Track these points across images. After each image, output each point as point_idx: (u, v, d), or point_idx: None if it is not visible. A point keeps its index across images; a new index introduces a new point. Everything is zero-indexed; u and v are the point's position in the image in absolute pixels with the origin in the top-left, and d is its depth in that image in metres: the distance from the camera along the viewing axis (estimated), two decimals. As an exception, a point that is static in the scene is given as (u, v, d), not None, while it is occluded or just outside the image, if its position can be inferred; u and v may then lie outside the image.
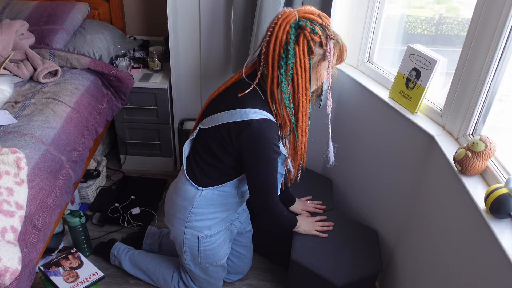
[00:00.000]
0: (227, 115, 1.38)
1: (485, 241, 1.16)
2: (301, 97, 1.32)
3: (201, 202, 1.57)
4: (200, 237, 1.64)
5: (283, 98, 1.32)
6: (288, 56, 1.26)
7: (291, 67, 1.27)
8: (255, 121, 1.33)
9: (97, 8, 2.67)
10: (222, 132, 1.40)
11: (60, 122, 1.83)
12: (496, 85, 1.33)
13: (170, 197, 1.67)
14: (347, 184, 2.13)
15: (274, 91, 1.33)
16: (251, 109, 1.34)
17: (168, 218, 1.70)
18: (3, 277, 1.20)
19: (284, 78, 1.29)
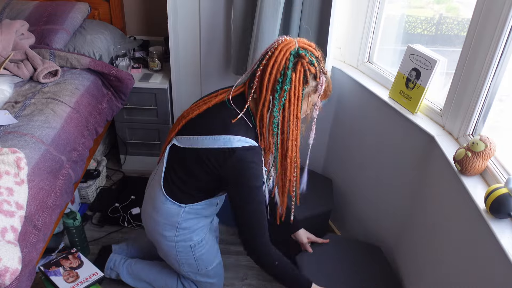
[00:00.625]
0: (210, 140, 1.34)
1: (485, 241, 1.16)
2: (291, 125, 1.31)
3: (185, 217, 1.52)
4: (192, 245, 1.60)
5: (271, 123, 1.31)
6: (285, 82, 1.26)
7: (286, 93, 1.26)
8: (240, 149, 1.31)
9: (97, 8, 2.67)
10: (203, 157, 1.36)
11: (60, 122, 1.83)
12: (496, 85, 1.33)
13: (149, 214, 1.57)
14: (347, 184, 2.13)
15: (264, 114, 1.31)
16: (235, 136, 1.31)
17: (153, 235, 1.61)
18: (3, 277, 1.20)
19: (277, 103, 1.28)
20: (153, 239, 1.64)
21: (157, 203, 1.52)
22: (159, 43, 2.76)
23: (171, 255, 1.62)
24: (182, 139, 1.43)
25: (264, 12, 1.93)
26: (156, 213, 1.54)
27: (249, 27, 2.13)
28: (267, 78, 1.27)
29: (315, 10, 1.91)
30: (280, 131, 1.31)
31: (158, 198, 1.51)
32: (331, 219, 2.32)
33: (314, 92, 1.32)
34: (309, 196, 2.04)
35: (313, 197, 2.04)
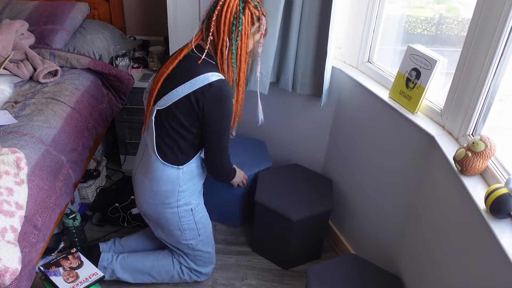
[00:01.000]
0: (188, 86, 1.50)
1: (485, 241, 1.16)
2: (242, 59, 1.55)
3: (185, 178, 1.67)
4: (193, 208, 1.76)
5: (231, 59, 1.53)
6: (238, 23, 1.47)
7: (239, 33, 1.49)
8: (215, 81, 1.50)
9: (97, 8, 2.67)
10: (187, 103, 1.52)
11: (60, 122, 1.83)
12: (496, 85, 1.33)
13: (148, 190, 1.69)
14: (347, 184, 2.13)
15: (223, 52, 1.52)
16: (208, 73, 1.50)
17: (154, 210, 1.73)
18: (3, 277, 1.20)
19: (234, 42, 1.50)
20: (154, 215, 1.75)
21: (156, 173, 1.64)
22: (159, 43, 2.76)
23: (174, 223, 1.75)
24: (162, 101, 1.56)
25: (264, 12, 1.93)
26: (156, 184, 1.66)
27: (249, 27, 2.13)
28: (223, 21, 1.47)
29: (315, 10, 1.91)
30: (237, 65, 1.55)
31: (157, 168, 1.64)
32: (331, 219, 2.32)
33: (257, 31, 1.57)
34: (309, 196, 2.05)
35: (313, 197, 2.04)
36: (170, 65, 1.57)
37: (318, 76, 2.05)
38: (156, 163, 1.63)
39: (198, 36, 1.56)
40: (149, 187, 1.69)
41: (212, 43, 1.53)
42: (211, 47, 1.54)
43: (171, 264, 1.93)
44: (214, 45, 1.53)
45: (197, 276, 1.97)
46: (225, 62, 1.54)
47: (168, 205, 1.70)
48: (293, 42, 1.99)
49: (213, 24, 1.49)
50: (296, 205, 1.99)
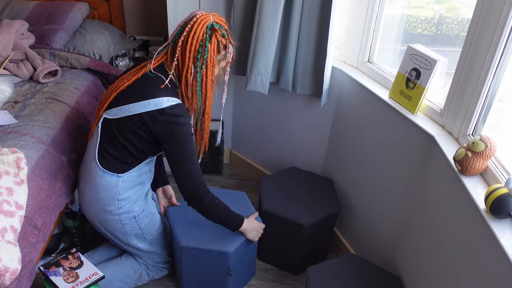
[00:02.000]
0: (141, 106, 1.50)
1: (485, 241, 1.16)
2: (208, 87, 1.55)
3: (125, 187, 1.65)
4: (136, 216, 1.73)
5: (195, 86, 1.53)
6: (204, 51, 1.48)
7: (205, 61, 1.49)
8: (170, 107, 1.50)
9: (97, 8, 2.67)
10: (136, 122, 1.51)
11: (60, 122, 1.83)
12: (496, 85, 1.33)
13: (90, 197, 1.67)
14: (346, 184, 2.13)
15: (188, 79, 1.52)
16: (164, 97, 1.50)
17: (98, 217, 1.70)
18: (3, 277, 1.20)
19: (199, 70, 1.50)
20: (99, 222, 1.73)
21: (96, 180, 1.63)
22: (159, 43, 2.76)
23: (118, 230, 1.73)
24: (112, 111, 1.56)
25: (264, 12, 1.93)
26: (96, 192, 1.64)
27: (249, 26, 2.13)
28: (188, 48, 1.47)
29: (315, 10, 1.91)
30: (202, 92, 1.55)
31: (96, 175, 1.62)
32: (331, 219, 2.32)
33: (223, 59, 1.57)
34: (314, 199, 2.03)
35: (318, 200, 2.02)
36: (126, 81, 1.56)
37: (318, 76, 2.05)
38: (96, 170, 1.62)
39: (161, 56, 1.55)
40: (90, 194, 1.67)
41: (176, 68, 1.52)
42: (175, 72, 1.54)
43: (136, 262, 1.91)
44: (178, 71, 1.53)
45: (162, 271, 1.97)
46: (189, 89, 1.54)
47: (109, 212, 1.68)
48: (293, 42, 1.99)
49: (178, 50, 1.49)
50: (305, 209, 1.96)
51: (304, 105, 2.25)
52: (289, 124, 2.37)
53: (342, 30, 2.03)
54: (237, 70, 2.30)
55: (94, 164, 1.62)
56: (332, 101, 2.11)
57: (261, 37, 1.99)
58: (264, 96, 2.32)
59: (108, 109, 1.58)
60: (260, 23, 1.96)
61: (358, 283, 1.64)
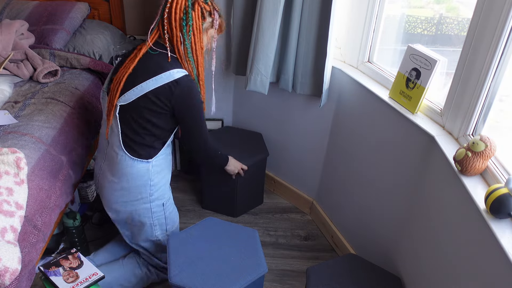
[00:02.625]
0: (154, 81, 1.54)
1: (485, 241, 1.16)
2: (198, 54, 1.60)
3: (155, 171, 1.69)
4: (164, 203, 1.79)
5: (187, 54, 1.57)
6: (188, 18, 1.51)
7: (190, 27, 1.53)
8: (182, 78, 1.55)
9: (97, 8, 2.67)
10: (152, 98, 1.54)
11: (60, 122, 1.83)
12: (496, 85, 1.33)
13: (120, 187, 1.69)
14: (346, 183, 2.13)
15: (179, 48, 1.56)
16: (174, 69, 1.55)
17: (125, 208, 1.73)
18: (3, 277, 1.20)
19: (186, 38, 1.54)
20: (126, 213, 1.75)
21: (125, 170, 1.65)
22: (159, 43, 2.76)
23: (146, 219, 1.76)
24: (126, 96, 1.57)
25: (264, 12, 1.93)
26: (127, 181, 1.67)
27: (250, 26, 2.13)
28: (173, 18, 1.51)
29: (315, 10, 1.91)
30: (194, 59, 1.60)
31: (126, 165, 1.64)
32: (331, 219, 2.32)
33: (211, 27, 1.61)
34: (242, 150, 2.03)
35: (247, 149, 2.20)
36: (131, 64, 1.58)
37: (318, 76, 2.05)
38: (124, 159, 1.64)
39: (154, 33, 1.59)
40: (119, 185, 1.69)
41: (169, 40, 1.56)
42: (170, 44, 1.57)
43: (137, 266, 1.92)
44: (171, 43, 1.57)
45: (165, 274, 1.97)
46: (183, 57, 1.58)
47: (141, 200, 1.71)
48: (293, 42, 1.99)
49: (166, 22, 1.53)
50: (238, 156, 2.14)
51: (304, 105, 2.25)
52: (289, 124, 2.37)
53: (342, 30, 2.03)
54: (237, 70, 2.30)
55: (121, 154, 1.63)
56: (332, 101, 2.11)
57: (261, 37, 1.99)
58: (264, 96, 2.32)
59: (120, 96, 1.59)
60: (260, 23, 1.96)
61: (358, 283, 1.64)
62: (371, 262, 1.77)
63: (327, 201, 2.35)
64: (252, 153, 2.33)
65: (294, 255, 2.23)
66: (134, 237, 1.85)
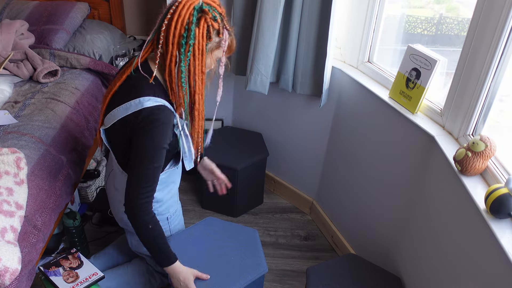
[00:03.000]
0: (123, 109, 1.35)
1: (485, 241, 1.16)
2: (197, 79, 1.34)
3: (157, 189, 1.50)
4: (169, 217, 1.68)
5: (180, 78, 1.32)
6: (189, 36, 1.27)
7: (191, 47, 1.28)
8: (147, 108, 1.31)
9: (97, 8, 2.67)
10: (120, 128, 1.37)
11: (60, 122, 1.83)
12: (496, 85, 1.33)
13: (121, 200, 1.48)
14: (346, 183, 2.13)
15: (172, 69, 1.32)
16: (145, 97, 1.32)
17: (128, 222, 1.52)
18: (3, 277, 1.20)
19: (183, 58, 1.29)
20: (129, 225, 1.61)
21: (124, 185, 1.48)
22: (159, 43, 2.76)
23: None
24: (106, 120, 1.43)
25: (264, 12, 1.93)
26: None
27: (250, 26, 2.13)
28: (172, 33, 1.27)
29: (315, 10, 1.91)
30: (188, 85, 1.34)
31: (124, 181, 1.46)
32: (331, 219, 2.32)
33: (217, 48, 1.35)
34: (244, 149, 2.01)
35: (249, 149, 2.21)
36: (117, 81, 1.41)
37: (318, 76, 2.05)
38: (123, 176, 1.50)
39: (147, 48, 1.38)
40: (121, 198, 1.51)
41: (161, 57, 1.33)
42: (161, 62, 1.34)
43: (141, 273, 1.86)
44: (164, 61, 1.33)
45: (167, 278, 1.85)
46: (174, 81, 1.34)
47: None
48: (293, 42, 1.99)
49: (162, 35, 1.29)
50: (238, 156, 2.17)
51: (304, 105, 2.25)
52: (289, 124, 2.37)
53: (342, 30, 2.03)
54: (237, 70, 2.30)
55: (119, 172, 1.52)
56: (332, 101, 2.11)
57: (261, 37, 1.99)
58: (264, 96, 2.32)
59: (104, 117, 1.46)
60: (260, 23, 1.96)
61: (358, 283, 1.64)
62: (371, 262, 1.77)
63: (327, 201, 2.35)
64: (252, 153, 2.32)
65: (294, 255, 2.23)
66: (139, 246, 1.75)
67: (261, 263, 1.62)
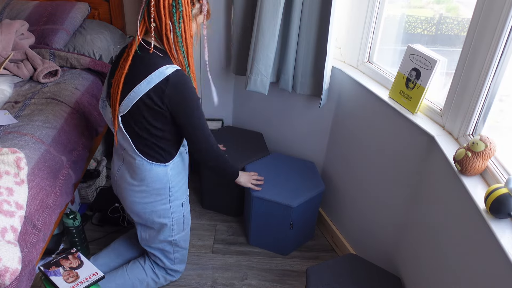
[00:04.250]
0: (145, 83, 1.46)
1: (485, 241, 1.16)
2: (189, 43, 1.51)
3: (173, 174, 1.68)
4: (183, 203, 1.79)
5: (177, 43, 1.48)
6: (178, 5, 1.42)
7: (181, 14, 1.44)
8: (172, 74, 1.46)
9: (97, 8, 2.67)
10: (147, 101, 1.47)
11: (60, 122, 1.83)
12: (496, 85, 1.33)
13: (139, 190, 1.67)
14: (346, 183, 2.13)
15: (168, 37, 1.47)
16: (162, 66, 1.46)
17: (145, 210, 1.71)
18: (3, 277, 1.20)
19: (177, 25, 1.45)
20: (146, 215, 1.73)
21: (144, 174, 1.62)
22: (159, 43, 2.76)
23: (166, 219, 1.76)
24: (122, 106, 1.51)
25: (264, 12, 1.93)
26: (146, 185, 1.65)
27: (250, 27, 2.13)
28: (162, 5, 1.41)
29: (315, 10, 1.91)
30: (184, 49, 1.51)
31: (143, 169, 1.61)
32: (331, 219, 2.32)
33: (199, 13, 1.53)
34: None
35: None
36: (125, 64, 1.50)
37: (318, 76, 2.05)
38: (142, 164, 1.61)
39: (141, 26, 1.50)
40: (139, 188, 1.66)
41: (156, 30, 1.46)
42: (156, 35, 1.48)
43: (143, 272, 1.90)
44: (158, 32, 1.47)
45: (172, 276, 1.97)
46: (173, 47, 1.49)
47: (160, 201, 1.70)
48: (293, 42, 1.99)
49: (152, 10, 1.43)
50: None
51: (304, 105, 2.25)
52: (289, 124, 2.37)
53: (342, 30, 2.03)
54: (237, 70, 2.30)
55: (139, 159, 1.60)
56: (332, 101, 2.11)
57: (261, 37, 1.99)
58: (264, 96, 2.32)
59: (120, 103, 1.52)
60: (260, 23, 1.96)
61: (358, 283, 1.64)
62: (371, 262, 1.77)
63: (327, 201, 2.35)
64: (253, 152, 2.33)
65: (294, 255, 2.24)
66: (151, 239, 1.83)
67: (319, 183, 2.13)
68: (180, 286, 2.02)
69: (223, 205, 2.43)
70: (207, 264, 2.15)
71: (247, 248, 2.27)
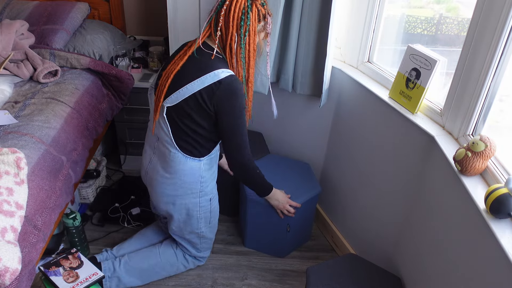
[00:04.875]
0: (198, 83, 1.53)
1: (485, 241, 1.16)
2: (251, 55, 1.60)
3: (205, 169, 1.75)
4: (211, 198, 1.85)
5: (240, 54, 1.57)
6: (247, 19, 1.52)
7: (248, 28, 1.53)
8: (225, 78, 1.53)
9: (97, 8, 2.67)
10: (198, 99, 1.55)
11: (60, 122, 1.83)
12: (496, 85, 1.33)
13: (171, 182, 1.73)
14: (347, 183, 2.13)
15: (232, 47, 1.56)
16: (218, 70, 1.54)
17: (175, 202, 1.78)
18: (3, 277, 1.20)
19: (242, 37, 1.54)
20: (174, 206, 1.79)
21: (178, 166, 1.69)
22: (159, 43, 2.76)
23: (194, 213, 1.82)
24: (172, 98, 1.58)
25: (264, 12, 1.93)
26: (179, 177, 1.71)
27: (249, 27, 2.13)
28: (231, 16, 1.51)
29: (315, 10, 1.91)
30: (245, 61, 1.60)
31: (178, 161, 1.68)
32: (331, 219, 2.32)
33: (263, 30, 1.62)
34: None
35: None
36: (180, 61, 1.58)
37: (318, 76, 2.05)
38: (177, 157, 1.67)
39: (206, 31, 1.58)
40: (171, 181, 1.73)
41: (220, 38, 1.55)
42: (219, 43, 1.57)
43: (174, 256, 1.98)
44: (222, 41, 1.56)
45: (200, 261, 2.07)
46: (234, 57, 1.57)
47: (191, 195, 1.76)
48: (293, 42, 1.99)
49: (221, 19, 1.52)
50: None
51: (304, 105, 2.25)
52: (289, 124, 2.37)
53: (342, 30, 2.03)
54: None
55: (174, 151, 1.66)
56: (332, 101, 2.11)
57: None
58: (264, 96, 2.32)
59: (166, 97, 1.60)
60: (260, 23, 1.96)
61: (358, 283, 1.64)
62: (371, 262, 1.77)
63: (327, 201, 2.35)
64: (253, 152, 2.32)
65: (294, 255, 2.24)
66: (180, 230, 1.89)
67: (315, 186, 2.11)
68: (180, 286, 2.02)
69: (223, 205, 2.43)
70: (207, 264, 2.15)
71: (247, 248, 2.27)
